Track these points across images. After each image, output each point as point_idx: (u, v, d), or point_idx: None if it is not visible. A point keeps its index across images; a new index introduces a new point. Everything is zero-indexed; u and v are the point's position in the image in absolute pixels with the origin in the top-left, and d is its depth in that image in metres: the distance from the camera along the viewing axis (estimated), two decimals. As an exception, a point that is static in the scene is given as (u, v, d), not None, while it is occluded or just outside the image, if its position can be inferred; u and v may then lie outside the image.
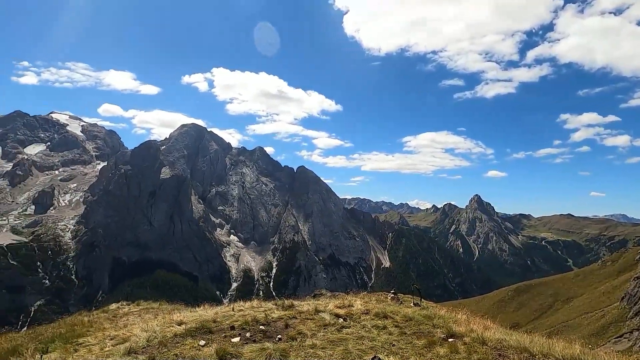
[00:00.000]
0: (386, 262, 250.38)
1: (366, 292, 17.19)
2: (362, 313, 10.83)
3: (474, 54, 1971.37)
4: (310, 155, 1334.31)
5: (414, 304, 13.48)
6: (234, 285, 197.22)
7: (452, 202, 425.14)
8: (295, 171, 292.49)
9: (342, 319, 10.23)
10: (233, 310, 11.53)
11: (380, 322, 9.95)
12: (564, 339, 8.48)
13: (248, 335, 8.90)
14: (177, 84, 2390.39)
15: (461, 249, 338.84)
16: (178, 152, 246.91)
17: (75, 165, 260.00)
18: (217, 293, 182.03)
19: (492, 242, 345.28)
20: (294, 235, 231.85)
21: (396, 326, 9.72)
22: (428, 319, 10.31)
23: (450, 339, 8.56)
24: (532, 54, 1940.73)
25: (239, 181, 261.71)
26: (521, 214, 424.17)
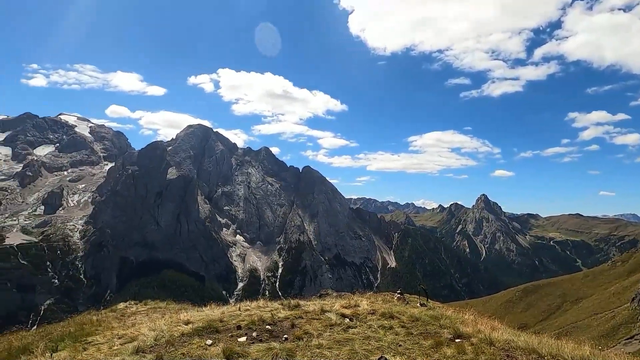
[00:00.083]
0: (392, 262, 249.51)
1: (372, 292, 17.11)
2: (369, 313, 10.79)
3: (480, 53, 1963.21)
4: (315, 155, 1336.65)
5: (421, 304, 13.39)
6: (240, 285, 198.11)
7: (459, 202, 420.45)
8: (300, 171, 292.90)
9: (349, 319, 10.20)
10: (239, 309, 11.55)
11: (386, 322, 9.90)
12: (573, 340, 8.35)
13: (254, 334, 8.91)
14: (183, 85, 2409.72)
15: (468, 249, 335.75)
16: (184, 153, 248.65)
17: (83, 166, 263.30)
18: (224, 293, 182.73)
19: (500, 242, 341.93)
20: (300, 235, 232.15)
21: (403, 326, 9.67)
22: (435, 320, 10.24)
23: (457, 340, 8.51)
24: (540, 52, 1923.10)
25: (245, 181, 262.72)
26: (529, 214, 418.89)
